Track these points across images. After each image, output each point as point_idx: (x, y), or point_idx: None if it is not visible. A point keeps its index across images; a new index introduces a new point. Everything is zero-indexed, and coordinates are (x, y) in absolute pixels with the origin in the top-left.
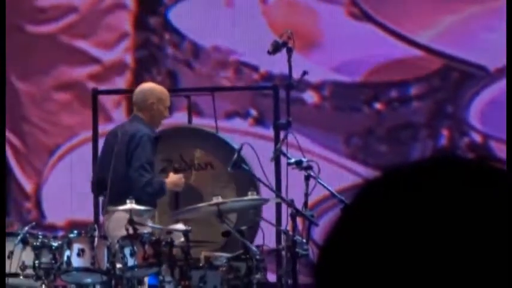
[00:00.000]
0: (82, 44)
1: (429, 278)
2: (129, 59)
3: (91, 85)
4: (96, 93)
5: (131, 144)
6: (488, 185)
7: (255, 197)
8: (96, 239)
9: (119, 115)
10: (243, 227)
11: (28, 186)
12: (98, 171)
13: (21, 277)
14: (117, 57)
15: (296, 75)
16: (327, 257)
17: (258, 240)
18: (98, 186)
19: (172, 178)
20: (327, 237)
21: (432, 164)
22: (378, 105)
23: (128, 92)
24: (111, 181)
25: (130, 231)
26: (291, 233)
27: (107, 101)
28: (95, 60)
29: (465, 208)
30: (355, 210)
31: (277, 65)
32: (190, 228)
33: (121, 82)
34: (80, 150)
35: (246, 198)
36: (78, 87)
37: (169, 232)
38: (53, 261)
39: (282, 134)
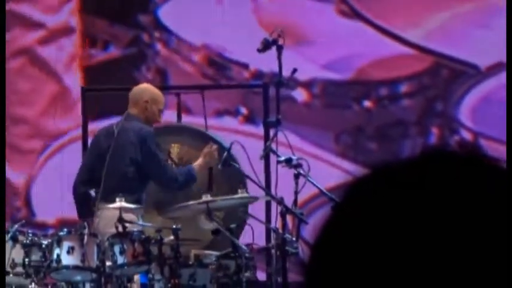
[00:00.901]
0: (26, 9)
1: (421, 275)
2: (74, 22)
3: (40, 50)
4: (85, 90)
5: (143, 145)
6: (479, 179)
7: (245, 195)
8: (86, 237)
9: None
10: (232, 225)
11: (18, 183)
12: (90, 169)
13: (10, 275)
14: (62, 21)
15: (286, 73)
16: (317, 256)
17: (248, 238)
18: (89, 183)
19: (203, 153)
20: (317, 235)
21: (422, 160)
22: (368, 103)
23: (116, 90)
24: (106, 177)
25: (120, 229)
26: (280, 231)
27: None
28: (40, 25)
29: (457, 203)
30: (345, 208)
31: (267, 62)
32: (179, 226)
33: (69, 44)
34: (70, 148)
35: (235, 196)
36: (28, 53)
37: (159, 230)
38: (43, 259)
39: (271, 132)
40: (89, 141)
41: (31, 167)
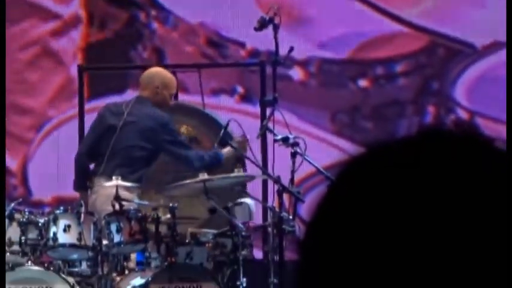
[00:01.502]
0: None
1: (416, 254)
2: (82, 12)
3: (52, 42)
4: (82, 69)
5: (164, 129)
6: (475, 157)
7: (241, 173)
8: (82, 215)
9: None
10: (229, 204)
11: (14, 162)
12: (94, 142)
13: (7, 253)
14: (73, 12)
15: (283, 51)
16: (312, 234)
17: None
18: (91, 157)
19: (235, 141)
20: (313, 213)
21: (418, 139)
22: (364, 82)
23: (115, 69)
24: (111, 154)
25: (117, 207)
26: (277, 209)
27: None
28: (55, 16)
29: (452, 182)
30: (341, 186)
31: (264, 41)
32: (176, 204)
33: (77, 34)
34: (67, 126)
35: (232, 175)
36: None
37: (155, 208)
38: (39, 238)
39: (268, 111)
40: (86, 119)
41: (28, 147)
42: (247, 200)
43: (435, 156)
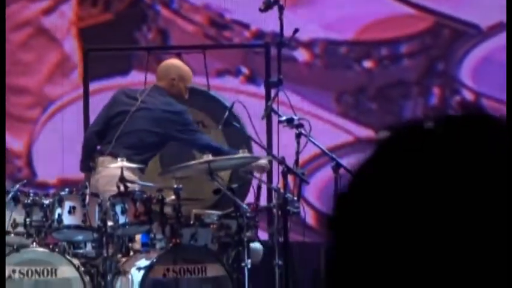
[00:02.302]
0: None
1: (443, 237)
2: None
3: (44, 20)
4: (87, 50)
5: (179, 118)
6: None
7: (246, 154)
8: (87, 197)
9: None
10: (234, 185)
11: (19, 144)
12: (105, 123)
13: (12, 235)
14: None
15: (287, 33)
16: (342, 213)
17: (249, 198)
18: (101, 136)
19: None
20: (344, 189)
21: (459, 120)
22: (369, 63)
23: (119, 50)
24: (122, 135)
25: (122, 188)
26: (282, 190)
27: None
28: None
29: (490, 167)
30: (373, 165)
31: (269, 22)
32: (181, 186)
33: (69, 9)
34: (72, 107)
35: (236, 156)
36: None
37: (160, 190)
38: (44, 219)
39: (273, 92)
40: (90, 100)
41: (32, 128)
42: (257, 245)
43: (466, 142)
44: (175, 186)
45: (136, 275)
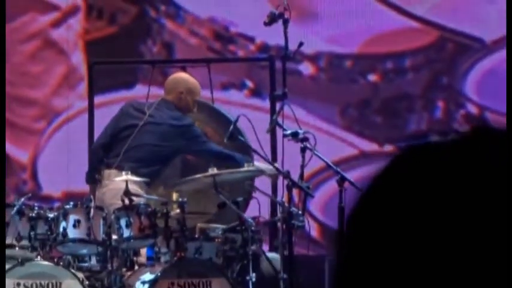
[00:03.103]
0: None
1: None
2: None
3: (53, 33)
4: (93, 64)
5: (182, 131)
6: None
7: (251, 168)
8: (92, 210)
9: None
10: (239, 199)
11: (25, 155)
12: (112, 136)
13: (16, 248)
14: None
15: (292, 46)
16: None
17: (254, 211)
18: (107, 150)
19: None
20: (355, 207)
21: (472, 138)
22: (373, 77)
23: (124, 63)
24: (129, 149)
25: (126, 202)
26: (286, 204)
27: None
28: (54, 7)
29: (498, 186)
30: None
31: (273, 36)
32: (185, 199)
33: (76, 22)
34: (77, 120)
35: (241, 169)
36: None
37: (165, 203)
38: (49, 233)
39: (278, 106)
40: (95, 114)
41: (38, 141)
42: (274, 255)
43: (480, 157)
44: (180, 199)
45: None
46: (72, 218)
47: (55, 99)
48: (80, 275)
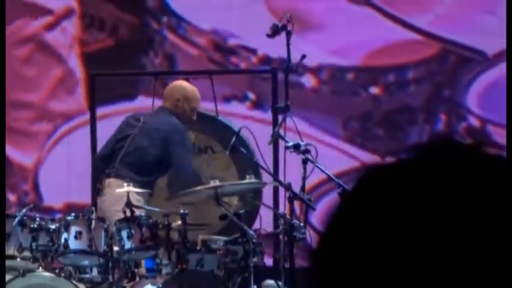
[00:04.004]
0: None
1: (429, 269)
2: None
3: (46, 36)
4: (94, 76)
5: (173, 136)
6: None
7: (253, 180)
8: (93, 222)
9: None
10: (241, 211)
11: (26, 168)
12: (111, 148)
13: (18, 259)
14: (65, 4)
15: (295, 58)
16: (325, 244)
17: (255, 223)
18: (106, 160)
19: None
20: (328, 222)
21: (432, 150)
22: (375, 89)
23: (125, 75)
24: (126, 155)
25: (128, 213)
26: (288, 216)
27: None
28: (47, 11)
29: (467, 200)
30: (356, 197)
31: (276, 48)
32: (187, 211)
33: (70, 26)
34: (77, 132)
35: (243, 181)
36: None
37: (167, 215)
38: (50, 244)
39: (280, 118)
40: (97, 126)
41: (39, 149)
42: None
43: (451, 170)
44: (181, 211)
45: None
46: (73, 229)
47: (51, 102)
48: (82, 286)
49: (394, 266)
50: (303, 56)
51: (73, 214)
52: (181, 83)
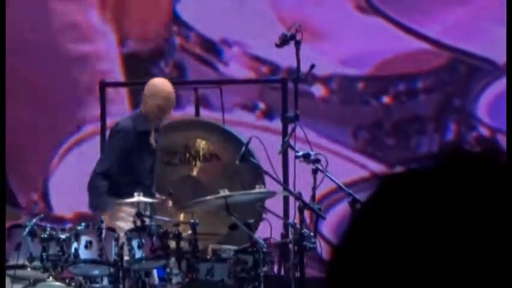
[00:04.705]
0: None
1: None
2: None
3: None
4: (103, 85)
5: (109, 135)
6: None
7: (263, 190)
8: (103, 231)
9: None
10: (250, 220)
11: (36, 178)
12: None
13: (28, 269)
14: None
15: (304, 68)
16: (340, 255)
17: (265, 233)
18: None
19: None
20: (344, 233)
21: (451, 162)
22: (385, 99)
23: (135, 85)
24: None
25: (138, 223)
26: (298, 226)
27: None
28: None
29: (483, 209)
30: (370, 209)
31: (285, 58)
32: (197, 221)
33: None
34: (88, 142)
35: (253, 191)
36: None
37: (177, 224)
38: (61, 253)
39: (289, 127)
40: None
41: (50, 159)
42: None
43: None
44: (191, 221)
45: None
46: (83, 239)
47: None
48: None
49: (415, 276)
50: (312, 66)
51: (83, 224)
52: (155, 80)
